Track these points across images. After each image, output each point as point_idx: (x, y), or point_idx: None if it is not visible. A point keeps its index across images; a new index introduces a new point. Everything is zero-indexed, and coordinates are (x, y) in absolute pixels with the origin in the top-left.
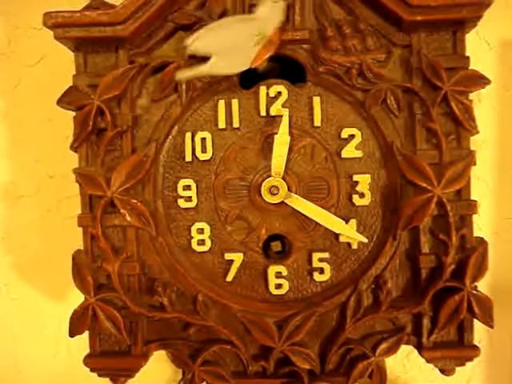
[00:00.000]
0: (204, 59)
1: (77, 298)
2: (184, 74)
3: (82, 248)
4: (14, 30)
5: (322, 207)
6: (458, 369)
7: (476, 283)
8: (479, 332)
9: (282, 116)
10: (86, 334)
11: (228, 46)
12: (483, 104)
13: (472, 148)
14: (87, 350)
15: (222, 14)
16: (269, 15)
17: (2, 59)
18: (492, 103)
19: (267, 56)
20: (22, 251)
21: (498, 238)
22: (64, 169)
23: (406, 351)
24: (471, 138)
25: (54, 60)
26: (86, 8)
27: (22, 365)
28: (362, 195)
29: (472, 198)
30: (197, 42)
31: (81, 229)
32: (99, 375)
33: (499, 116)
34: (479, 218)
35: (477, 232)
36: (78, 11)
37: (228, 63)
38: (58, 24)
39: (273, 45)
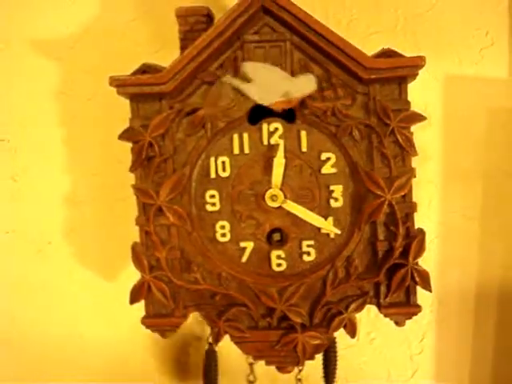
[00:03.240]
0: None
1: (126, 279)
2: (230, 80)
3: (136, 240)
4: (69, 73)
5: (308, 209)
6: (415, 325)
7: (417, 260)
8: (429, 299)
9: (278, 144)
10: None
11: (264, 83)
12: (433, 126)
13: (413, 165)
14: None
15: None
16: (301, 85)
17: (63, 97)
18: (439, 125)
19: (283, 108)
20: (83, 244)
21: (444, 227)
22: (114, 180)
23: (375, 314)
24: (413, 158)
25: (102, 97)
26: (137, 70)
27: (84, 333)
28: (336, 200)
29: (423, 197)
30: (248, 68)
31: (125, 227)
32: (152, 331)
33: (444, 135)
34: (430, 211)
35: (427, 223)
36: (132, 75)
37: (257, 92)
38: (119, 84)
39: (291, 104)
